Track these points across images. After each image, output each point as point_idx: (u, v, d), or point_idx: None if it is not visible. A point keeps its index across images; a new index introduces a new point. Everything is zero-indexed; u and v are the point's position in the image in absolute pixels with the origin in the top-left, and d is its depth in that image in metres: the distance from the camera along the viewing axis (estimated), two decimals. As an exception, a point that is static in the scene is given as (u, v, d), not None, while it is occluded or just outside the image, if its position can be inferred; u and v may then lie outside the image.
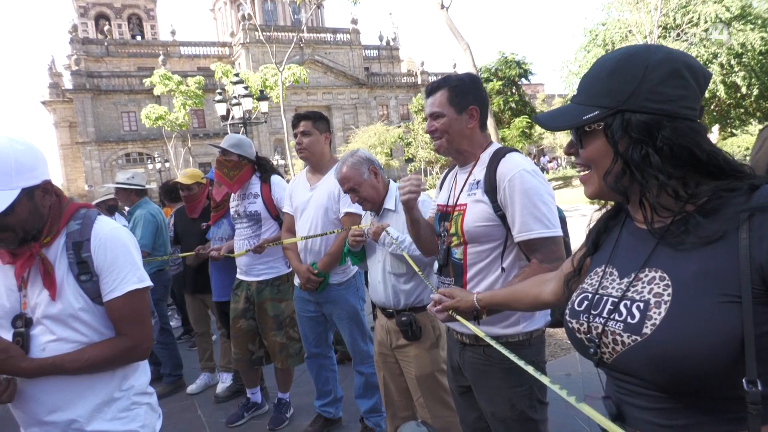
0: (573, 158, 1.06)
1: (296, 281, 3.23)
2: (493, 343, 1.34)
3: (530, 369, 1.11)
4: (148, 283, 1.56)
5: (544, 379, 1.03)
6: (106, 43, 44.77)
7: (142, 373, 1.63)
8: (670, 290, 0.88)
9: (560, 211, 1.82)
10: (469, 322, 1.55)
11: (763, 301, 0.81)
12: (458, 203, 1.84)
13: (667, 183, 0.90)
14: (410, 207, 1.89)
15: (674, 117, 0.90)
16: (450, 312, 1.59)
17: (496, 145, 1.88)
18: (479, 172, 1.82)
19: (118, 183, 4.45)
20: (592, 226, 1.15)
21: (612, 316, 0.95)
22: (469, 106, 1.82)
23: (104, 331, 1.50)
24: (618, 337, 0.92)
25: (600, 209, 1.14)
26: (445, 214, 1.89)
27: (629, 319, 0.91)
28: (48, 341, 1.42)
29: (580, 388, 3.57)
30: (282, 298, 3.44)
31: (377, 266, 2.49)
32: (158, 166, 36.02)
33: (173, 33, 47.60)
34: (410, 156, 37.86)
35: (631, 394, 0.95)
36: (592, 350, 0.98)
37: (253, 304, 3.43)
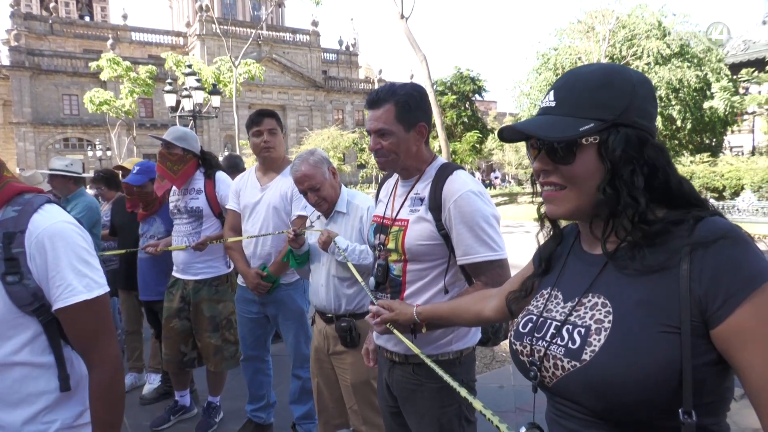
0: (540, 177, 0.98)
1: (240, 281, 3.15)
2: (427, 360, 1.30)
3: (464, 392, 1.08)
4: (100, 290, 1.27)
5: (477, 404, 1.02)
6: (50, 21, 42.42)
7: (76, 402, 1.31)
8: (611, 317, 0.88)
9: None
10: (404, 336, 1.53)
11: (701, 333, 0.81)
12: (398, 217, 1.78)
13: (641, 204, 0.88)
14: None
15: (653, 135, 0.91)
16: (387, 325, 1.57)
17: (441, 160, 1.84)
18: (423, 187, 1.77)
19: (54, 169, 4.15)
20: (541, 248, 1.13)
21: (554, 340, 0.94)
22: (417, 123, 1.74)
23: (31, 357, 1.21)
24: (559, 362, 0.92)
25: (543, 230, 1.12)
26: (383, 226, 1.84)
27: (570, 345, 0.91)
28: None
29: (512, 401, 3.66)
30: (220, 298, 3.34)
31: (321, 269, 2.45)
32: (99, 153, 34.36)
33: (125, 17, 45.74)
34: (362, 162, 37.88)
35: (568, 417, 0.95)
36: (532, 374, 0.97)
37: (188, 304, 3.31)
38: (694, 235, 0.84)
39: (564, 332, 0.93)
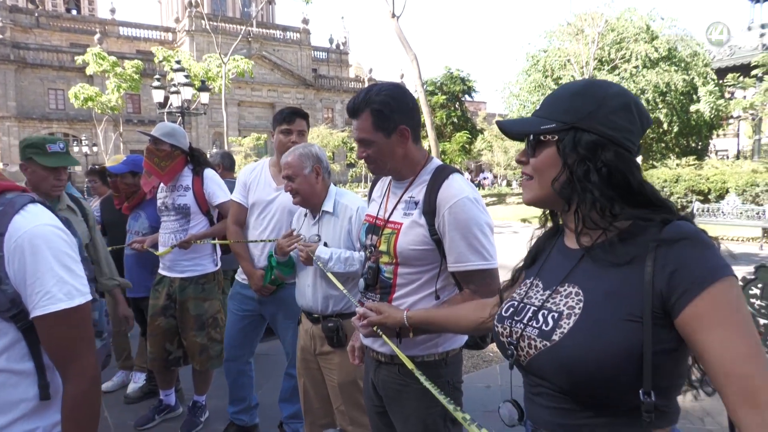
0: (520, 168, 1.14)
1: (240, 278, 3.11)
2: (416, 372, 1.29)
3: (442, 399, 1.15)
4: (81, 299, 1.21)
5: (453, 410, 1.09)
6: (36, 14, 41.80)
7: (55, 411, 1.24)
8: (582, 304, 0.99)
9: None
10: (390, 340, 1.52)
11: (662, 324, 0.91)
12: (391, 219, 1.76)
13: (598, 199, 0.99)
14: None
15: (618, 144, 1.01)
16: (375, 328, 1.55)
17: (436, 162, 1.80)
18: (418, 190, 1.74)
19: None
20: (533, 242, 1.25)
21: (530, 323, 1.06)
22: (397, 127, 1.70)
23: (10, 364, 1.15)
24: (532, 342, 1.03)
25: (540, 228, 1.24)
26: (375, 227, 1.82)
27: (543, 327, 1.02)
28: None
29: (499, 400, 3.66)
30: (206, 297, 3.30)
31: (308, 270, 2.43)
32: (85, 149, 33.93)
33: (113, 11, 45.20)
34: (352, 161, 37.86)
35: (539, 393, 1.06)
36: (510, 352, 1.09)
37: (174, 302, 3.27)
38: (662, 234, 0.94)
39: (540, 316, 1.05)
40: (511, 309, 1.14)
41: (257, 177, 3.05)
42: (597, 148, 1.00)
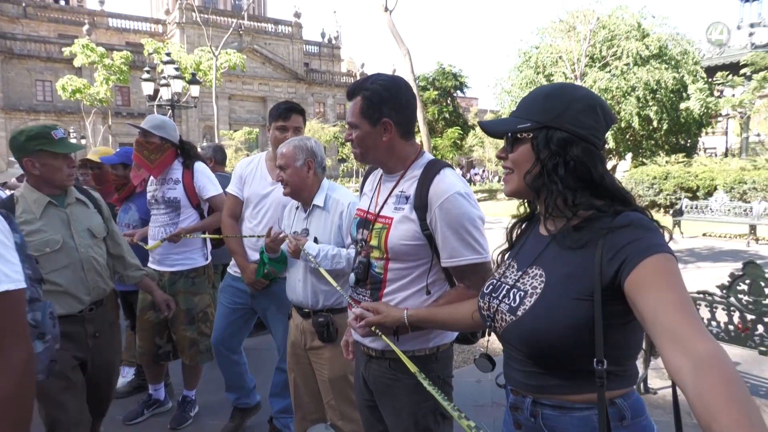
0: (501, 162, 1.28)
1: (232, 271, 3.09)
2: (418, 373, 1.29)
3: (435, 393, 1.24)
4: (10, 285, 1.13)
5: (447, 406, 1.19)
6: (24, 4, 41.11)
7: None
8: (543, 285, 1.14)
9: None
10: (389, 339, 1.52)
11: (612, 301, 1.04)
12: (382, 214, 1.74)
13: (562, 190, 1.13)
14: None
15: (585, 141, 1.14)
16: (373, 328, 1.55)
17: (428, 157, 1.79)
18: (408, 185, 1.72)
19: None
20: (508, 227, 1.41)
21: (504, 300, 1.23)
22: (381, 119, 1.69)
23: None
24: (503, 316, 1.21)
25: (516, 216, 1.40)
26: (366, 221, 1.80)
27: (512, 303, 1.19)
28: None
29: (489, 395, 3.69)
30: (196, 291, 3.29)
31: (298, 265, 2.42)
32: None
33: (102, 2, 44.58)
34: (343, 156, 37.76)
35: (512, 359, 1.24)
36: (488, 323, 1.27)
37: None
38: (612, 223, 1.07)
39: (511, 294, 1.21)
40: (491, 287, 1.31)
41: (253, 171, 3.03)
42: (567, 144, 1.13)
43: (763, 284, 3.14)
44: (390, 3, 17.09)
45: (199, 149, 4.25)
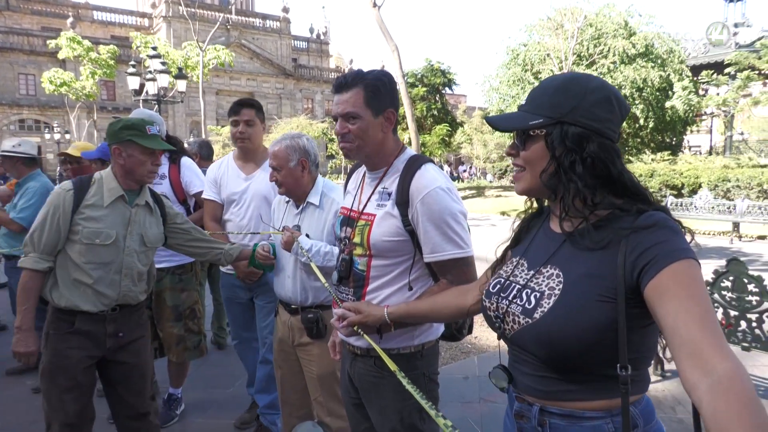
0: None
1: (224, 269, 3.09)
2: (397, 372, 1.27)
3: (416, 394, 1.15)
4: None
5: (419, 397, 1.12)
6: (6, -5, 40.44)
7: None
8: (561, 286, 1.07)
9: None
10: (371, 338, 1.51)
11: (633, 304, 0.99)
12: (365, 211, 1.74)
13: (581, 189, 1.07)
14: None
15: (601, 135, 1.07)
16: (355, 327, 1.55)
17: (410, 152, 1.78)
18: (391, 181, 1.71)
19: (2, 151, 4.00)
20: (517, 224, 1.34)
21: (515, 300, 1.15)
22: (386, 109, 1.69)
23: None
24: (516, 318, 1.13)
25: (524, 212, 1.33)
26: (350, 219, 1.80)
27: (526, 305, 1.11)
28: None
29: (477, 391, 3.70)
30: (183, 287, 3.26)
31: (288, 261, 2.41)
32: (57, 136, 33.05)
33: (86, -5, 43.99)
34: (332, 152, 37.63)
35: (521, 362, 1.17)
36: (497, 325, 1.19)
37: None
38: (635, 223, 1.02)
39: (523, 294, 1.14)
40: (498, 286, 1.22)
41: (225, 171, 3.05)
42: (583, 140, 1.06)
43: (746, 281, 3.19)
44: (378, -1, 17.03)
45: (185, 144, 4.21)
